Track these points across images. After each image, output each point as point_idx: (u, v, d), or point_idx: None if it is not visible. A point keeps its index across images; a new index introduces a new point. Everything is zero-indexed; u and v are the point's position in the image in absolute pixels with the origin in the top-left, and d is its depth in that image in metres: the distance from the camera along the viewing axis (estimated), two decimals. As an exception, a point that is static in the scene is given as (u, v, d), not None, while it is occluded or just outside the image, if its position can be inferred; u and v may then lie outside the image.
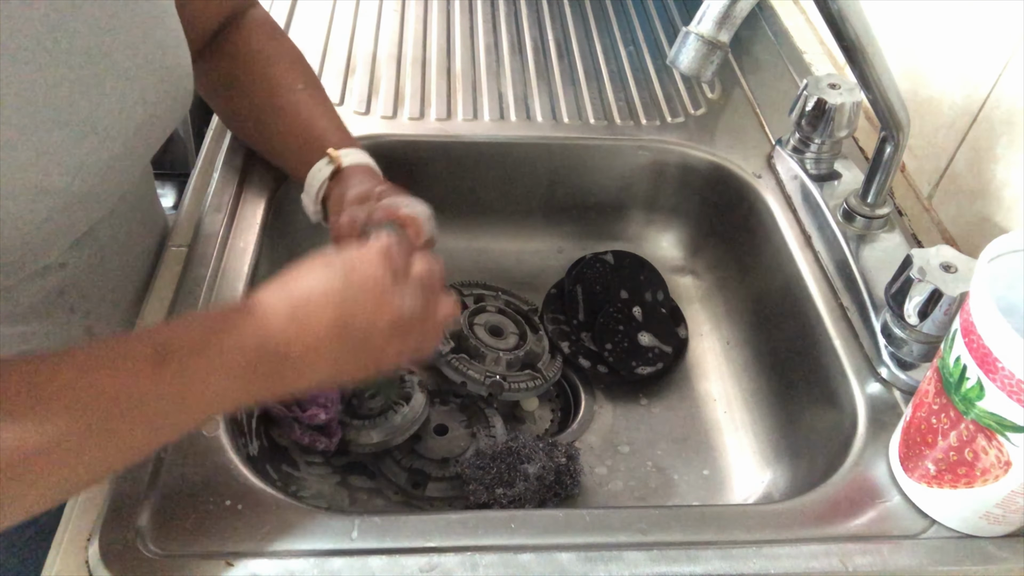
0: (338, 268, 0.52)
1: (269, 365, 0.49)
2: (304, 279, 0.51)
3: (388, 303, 0.52)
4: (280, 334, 0.49)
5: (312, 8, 1.03)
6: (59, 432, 0.42)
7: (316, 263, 0.52)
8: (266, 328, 0.49)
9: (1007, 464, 0.50)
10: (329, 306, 0.50)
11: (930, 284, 0.61)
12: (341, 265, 0.52)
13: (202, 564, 0.51)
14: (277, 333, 0.49)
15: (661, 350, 0.83)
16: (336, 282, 0.51)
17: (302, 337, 0.49)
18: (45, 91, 0.51)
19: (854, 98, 0.78)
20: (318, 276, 0.51)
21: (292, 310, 0.49)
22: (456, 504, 0.70)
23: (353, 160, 0.69)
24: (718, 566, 0.53)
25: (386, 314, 0.51)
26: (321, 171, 0.69)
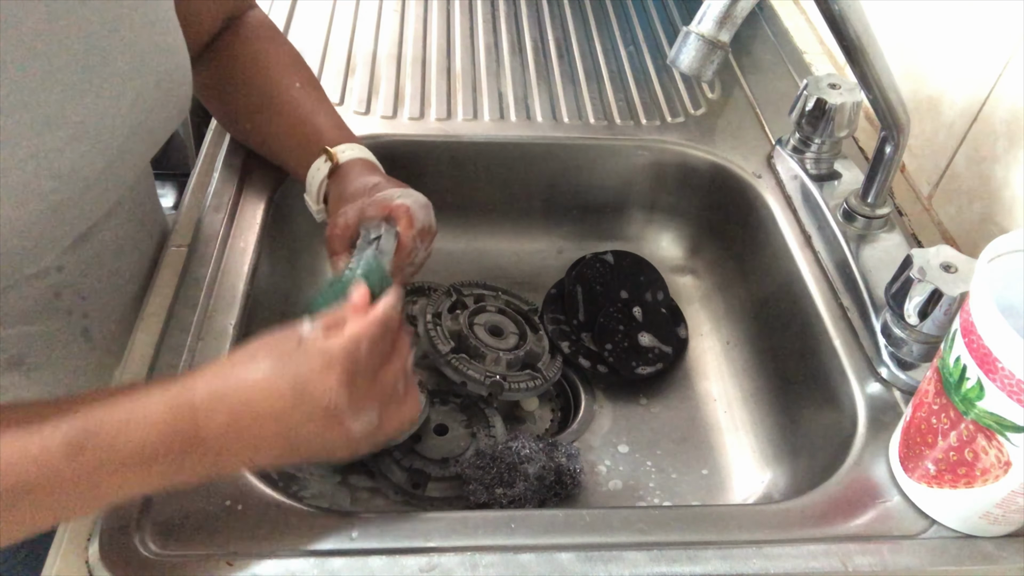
0: (289, 379, 0.46)
1: (195, 468, 0.47)
2: (250, 381, 0.46)
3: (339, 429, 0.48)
4: (213, 441, 0.46)
5: (312, 8, 1.03)
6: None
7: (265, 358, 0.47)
8: (198, 433, 0.45)
9: (1007, 464, 0.50)
10: (272, 423, 0.46)
11: (930, 284, 0.61)
12: (293, 377, 0.46)
13: (202, 564, 0.51)
14: (210, 439, 0.46)
15: (661, 350, 0.83)
16: (285, 397, 0.46)
17: (237, 448, 0.47)
18: (37, 94, 0.50)
19: (854, 98, 0.78)
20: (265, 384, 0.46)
21: (230, 419, 0.46)
22: (456, 504, 0.70)
23: (351, 155, 0.69)
24: (718, 566, 0.53)
25: (336, 437, 0.48)
26: (320, 170, 0.69)
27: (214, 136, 0.84)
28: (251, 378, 0.46)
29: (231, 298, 0.67)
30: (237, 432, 0.46)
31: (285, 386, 0.46)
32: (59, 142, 0.52)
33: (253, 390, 0.46)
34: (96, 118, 0.54)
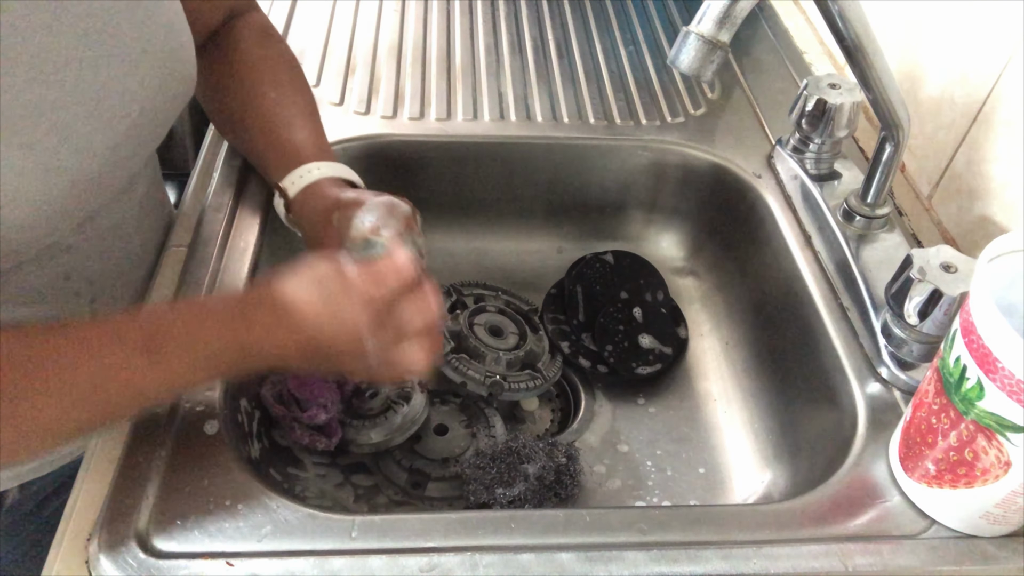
0: (326, 297, 0.54)
1: (244, 364, 0.54)
2: (299, 292, 0.54)
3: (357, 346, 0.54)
4: (257, 342, 0.53)
5: (312, 8, 1.03)
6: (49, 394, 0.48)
7: (310, 274, 0.54)
8: (247, 335, 0.53)
9: (1007, 464, 0.50)
10: (306, 330, 0.53)
11: (930, 284, 0.61)
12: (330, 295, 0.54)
13: (202, 564, 0.51)
14: (255, 341, 0.53)
15: (661, 350, 0.83)
16: (320, 312, 0.53)
17: (277, 345, 0.54)
18: (52, 71, 0.51)
19: (854, 98, 0.78)
20: (306, 296, 0.54)
21: (279, 320, 0.53)
22: (456, 504, 0.70)
23: (308, 181, 0.68)
24: (718, 566, 0.53)
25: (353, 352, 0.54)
26: (278, 204, 0.70)
27: (214, 136, 0.84)
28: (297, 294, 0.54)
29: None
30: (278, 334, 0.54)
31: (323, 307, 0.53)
32: (76, 118, 0.53)
33: (295, 303, 0.53)
34: (108, 95, 0.55)
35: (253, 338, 0.53)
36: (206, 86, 0.74)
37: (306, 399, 0.67)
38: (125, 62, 0.57)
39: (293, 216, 0.69)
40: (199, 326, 0.53)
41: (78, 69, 0.53)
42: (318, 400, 0.68)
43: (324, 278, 0.54)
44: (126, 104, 0.57)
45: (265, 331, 0.53)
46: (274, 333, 0.53)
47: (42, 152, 0.51)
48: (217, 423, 0.58)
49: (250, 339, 0.53)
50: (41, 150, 0.51)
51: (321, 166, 0.69)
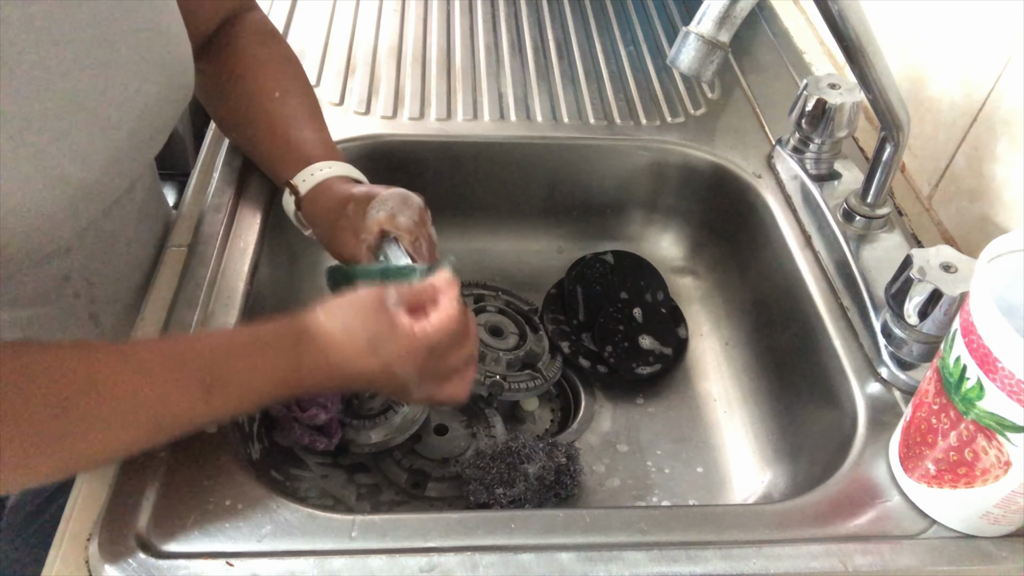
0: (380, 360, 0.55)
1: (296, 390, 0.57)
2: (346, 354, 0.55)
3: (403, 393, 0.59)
4: (304, 377, 0.55)
5: (312, 8, 1.03)
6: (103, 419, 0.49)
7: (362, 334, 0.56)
8: (296, 371, 0.55)
9: (1007, 464, 0.50)
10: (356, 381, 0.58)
11: (930, 284, 0.61)
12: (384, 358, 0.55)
13: (202, 564, 0.51)
14: (303, 377, 0.55)
15: (661, 351, 0.83)
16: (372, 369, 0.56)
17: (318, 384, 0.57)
18: (52, 79, 0.51)
19: (854, 98, 0.78)
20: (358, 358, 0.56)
21: (327, 378, 0.56)
22: (456, 504, 0.70)
23: (319, 179, 0.68)
24: (718, 566, 0.53)
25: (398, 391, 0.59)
26: (288, 202, 0.70)
27: (214, 136, 0.84)
28: (351, 349, 0.55)
29: (231, 298, 0.67)
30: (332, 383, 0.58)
31: (376, 363, 0.56)
32: (75, 127, 0.53)
33: (351, 361, 0.55)
34: (108, 103, 0.56)
35: (301, 374, 0.55)
36: (209, 86, 0.74)
37: (306, 399, 0.67)
38: (124, 70, 0.57)
39: (304, 213, 0.69)
40: (256, 366, 0.54)
41: (78, 77, 0.53)
42: (318, 400, 0.68)
43: (371, 319, 0.56)
44: (125, 111, 0.57)
45: (312, 367, 0.55)
46: (320, 370, 0.55)
47: (43, 160, 0.51)
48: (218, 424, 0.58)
49: (299, 375, 0.55)
50: (42, 158, 0.51)
51: (332, 165, 0.69)
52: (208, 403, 0.52)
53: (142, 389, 0.50)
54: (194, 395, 0.51)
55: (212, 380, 0.52)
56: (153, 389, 0.50)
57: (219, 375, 0.52)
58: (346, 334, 0.55)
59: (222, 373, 0.53)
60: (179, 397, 0.51)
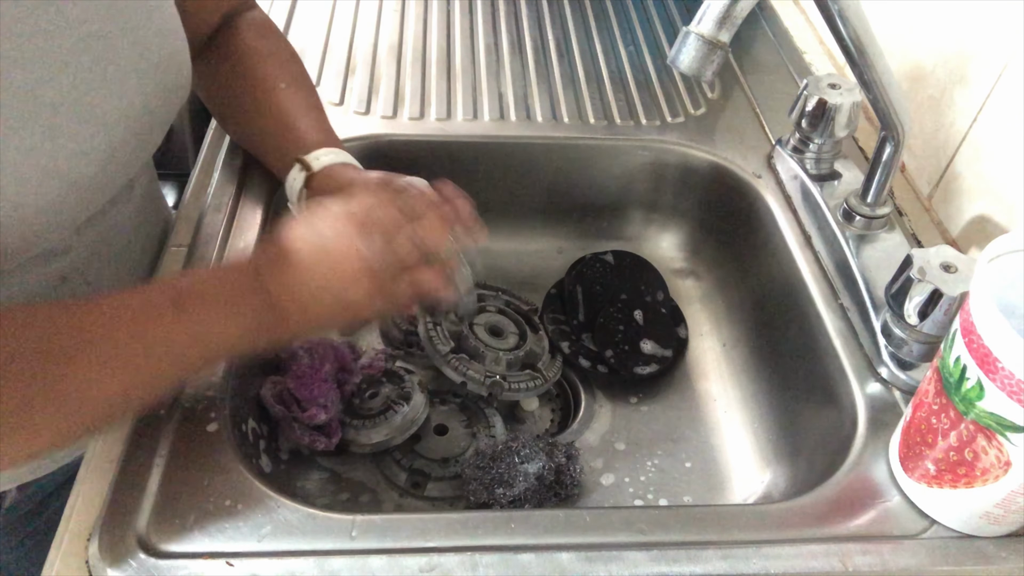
0: (312, 227, 0.57)
1: (269, 314, 0.55)
2: (287, 237, 0.57)
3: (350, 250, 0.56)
4: (273, 291, 0.55)
5: (312, 8, 1.03)
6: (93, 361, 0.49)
7: (306, 217, 0.58)
8: (263, 283, 0.55)
9: (1007, 464, 0.50)
10: (302, 261, 0.56)
11: (930, 284, 0.61)
12: (314, 225, 0.57)
13: (202, 564, 0.51)
14: (272, 288, 0.55)
15: (661, 351, 0.83)
16: (315, 242, 0.56)
17: (290, 290, 0.56)
18: (49, 75, 0.52)
19: (854, 98, 0.78)
20: (296, 235, 0.57)
21: (281, 265, 0.56)
22: (456, 504, 0.70)
23: (328, 161, 0.68)
24: (718, 566, 0.53)
25: (351, 260, 0.56)
26: (296, 179, 0.69)
27: (214, 136, 0.84)
28: (288, 237, 0.57)
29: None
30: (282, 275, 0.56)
31: (310, 232, 0.57)
32: (72, 123, 0.53)
33: (285, 240, 0.56)
34: (105, 99, 0.56)
35: (268, 284, 0.55)
36: (211, 84, 0.74)
37: (306, 399, 0.67)
38: (121, 67, 0.57)
39: (311, 193, 0.68)
40: (219, 278, 0.56)
41: (75, 73, 0.53)
42: (318, 400, 0.68)
43: (317, 215, 0.57)
44: (123, 108, 0.57)
45: (276, 273, 0.55)
46: (284, 274, 0.55)
47: (39, 155, 0.52)
48: (217, 423, 0.58)
49: (265, 285, 0.55)
50: (38, 153, 0.51)
51: (340, 152, 0.70)
52: (182, 321, 0.52)
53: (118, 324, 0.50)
54: (167, 317, 0.51)
55: (180, 300, 0.52)
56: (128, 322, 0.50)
57: (186, 293, 0.53)
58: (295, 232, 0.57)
59: (188, 291, 0.53)
60: (154, 322, 0.51)
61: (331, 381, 0.69)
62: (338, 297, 0.56)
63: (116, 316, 0.51)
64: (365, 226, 0.56)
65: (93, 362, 0.49)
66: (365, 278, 0.56)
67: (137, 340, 0.50)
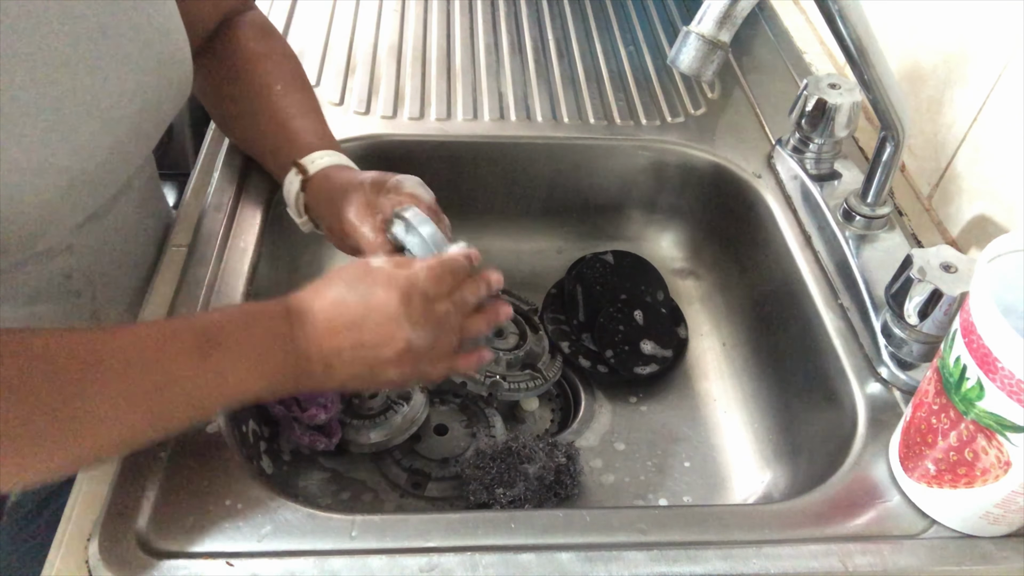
0: (358, 295, 0.55)
1: (294, 369, 0.54)
2: (328, 299, 0.55)
3: (398, 336, 0.55)
4: (304, 345, 0.54)
5: (312, 8, 1.03)
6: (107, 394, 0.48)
7: (339, 282, 0.56)
8: (294, 338, 0.54)
9: (1007, 464, 0.50)
10: (345, 331, 0.55)
11: (930, 284, 0.61)
12: (362, 294, 0.55)
13: (202, 564, 0.51)
14: (302, 344, 0.54)
15: (661, 351, 0.83)
16: (354, 310, 0.55)
17: (322, 351, 0.54)
18: (51, 70, 0.52)
19: (854, 98, 0.78)
20: (340, 300, 0.55)
21: (317, 325, 0.54)
22: (456, 504, 0.70)
23: (325, 163, 0.68)
24: (718, 566, 0.53)
25: (396, 344, 0.55)
26: (292, 183, 0.69)
27: (214, 136, 0.84)
28: (329, 297, 0.56)
29: (231, 298, 0.67)
30: (319, 338, 0.55)
31: (355, 301, 0.55)
32: (73, 119, 0.53)
33: (330, 306, 0.55)
34: (104, 96, 0.56)
35: (299, 339, 0.54)
36: (209, 84, 0.74)
37: (306, 399, 0.67)
38: (122, 63, 0.57)
39: (308, 196, 0.68)
40: (248, 325, 0.54)
41: (76, 69, 0.53)
42: (318, 400, 0.68)
43: (355, 277, 0.56)
44: (123, 105, 0.58)
45: (309, 332, 0.54)
46: (320, 336, 0.54)
47: (40, 151, 0.52)
48: (218, 423, 0.58)
49: (296, 340, 0.54)
50: (39, 149, 0.52)
51: (337, 155, 0.70)
52: (207, 364, 0.51)
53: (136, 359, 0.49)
54: (189, 360, 0.50)
55: (205, 343, 0.51)
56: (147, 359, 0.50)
57: (212, 338, 0.52)
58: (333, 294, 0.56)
59: (215, 335, 0.52)
60: (174, 360, 0.50)
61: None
62: (372, 371, 0.56)
63: (136, 351, 0.50)
64: (419, 315, 0.56)
65: (106, 396, 0.48)
66: (406, 363, 0.56)
67: (154, 380, 0.50)
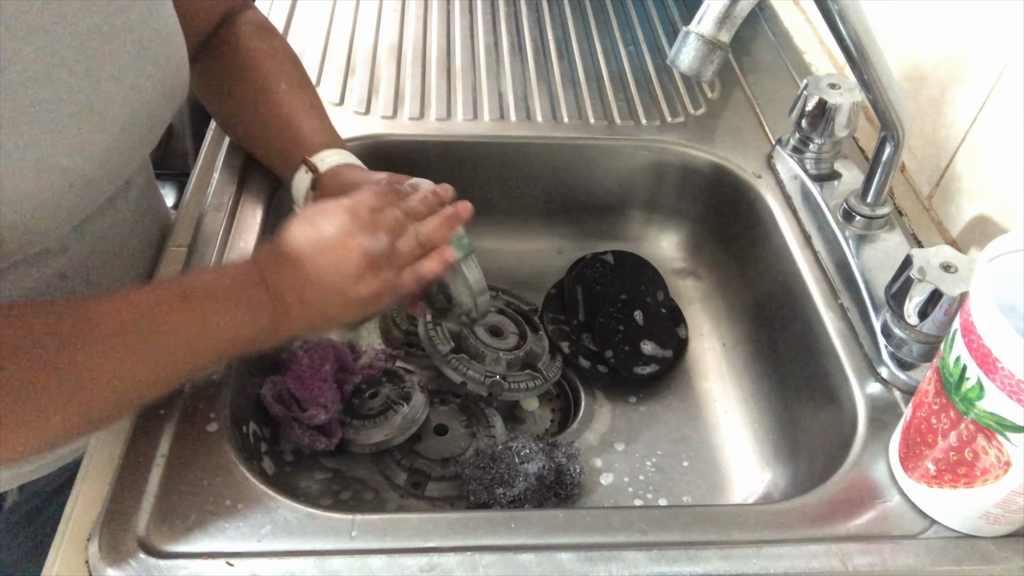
0: (308, 220, 0.58)
1: (271, 308, 0.56)
2: (285, 235, 0.58)
3: (351, 246, 0.57)
4: (275, 286, 0.57)
5: (312, 8, 1.03)
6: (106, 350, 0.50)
7: (294, 221, 0.59)
8: (264, 280, 0.57)
9: (1007, 464, 0.50)
10: (305, 260, 0.57)
11: (930, 284, 0.61)
12: (310, 218, 0.58)
13: (202, 564, 0.51)
14: (273, 282, 0.57)
15: (661, 351, 0.83)
16: (308, 234, 0.57)
17: (292, 288, 0.57)
18: (47, 70, 0.52)
19: (854, 98, 0.78)
20: (294, 231, 0.58)
21: (280, 261, 0.57)
22: (456, 504, 0.70)
23: (334, 162, 0.69)
24: (718, 566, 0.53)
25: (352, 256, 0.57)
26: (303, 180, 0.69)
27: (214, 136, 0.84)
28: (288, 236, 0.58)
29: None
30: (284, 270, 0.57)
31: (310, 231, 0.58)
32: (69, 121, 0.54)
33: (287, 238, 0.58)
34: (103, 97, 0.56)
35: (269, 279, 0.56)
36: (210, 84, 0.74)
37: (306, 399, 0.67)
38: (119, 65, 0.57)
39: (318, 194, 0.68)
40: (221, 273, 0.59)
41: (73, 70, 0.53)
42: (318, 400, 0.68)
43: (308, 213, 0.59)
44: (120, 106, 0.58)
45: (276, 268, 0.57)
46: (284, 269, 0.57)
47: (37, 152, 0.52)
48: (217, 423, 0.58)
49: (266, 280, 0.56)
50: (36, 150, 0.52)
51: (345, 154, 0.71)
52: (188, 312, 0.53)
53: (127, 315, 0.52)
54: (174, 308, 0.53)
55: (185, 292, 0.54)
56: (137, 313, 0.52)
57: (190, 287, 0.55)
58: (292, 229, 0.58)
59: (194, 284, 0.56)
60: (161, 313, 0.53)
61: (331, 381, 0.69)
62: (342, 292, 0.57)
63: (124, 309, 0.52)
64: (368, 223, 0.58)
65: (102, 351, 0.50)
66: (368, 274, 0.57)
67: (145, 331, 0.52)
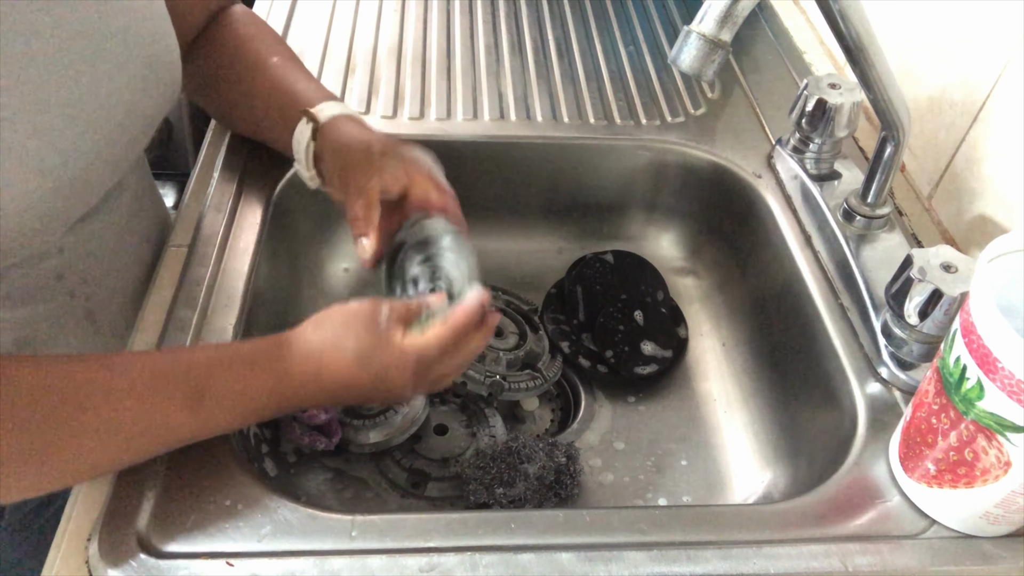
0: (371, 372, 0.55)
1: (286, 406, 0.57)
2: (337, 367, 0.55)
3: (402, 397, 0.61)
4: (295, 394, 0.56)
5: (312, 8, 1.03)
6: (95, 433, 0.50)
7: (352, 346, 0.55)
8: (287, 387, 0.55)
9: (1007, 464, 0.50)
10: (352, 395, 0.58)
11: (930, 284, 0.61)
12: (375, 371, 0.56)
13: (202, 564, 0.51)
14: (294, 393, 0.56)
15: (661, 351, 0.83)
16: (364, 383, 0.56)
17: (311, 398, 0.57)
18: (38, 72, 0.52)
19: (854, 98, 0.77)
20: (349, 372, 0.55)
21: (319, 390, 0.56)
22: (456, 504, 0.70)
23: (333, 112, 0.69)
24: (718, 566, 0.53)
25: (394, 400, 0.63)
26: (303, 133, 0.68)
27: (214, 136, 0.84)
28: (339, 363, 0.55)
29: (231, 298, 0.67)
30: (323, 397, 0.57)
31: (366, 376, 0.56)
32: (59, 121, 0.53)
33: (340, 374, 0.56)
34: (91, 98, 0.56)
35: (292, 390, 0.55)
36: (203, 77, 0.75)
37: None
38: (109, 65, 0.57)
39: (319, 145, 0.68)
40: (243, 382, 0.54)
41: (62, 72, 0.53)
42: (318, 400, 0.67)
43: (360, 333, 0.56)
44: (111, 107, 0.57)
45: (301, 381, 0.55)
46: (310, 383, 0.55)
47: (26, 154, 0.51)
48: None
49: (289, 391, 0.55)
50: (25, 152, 0.51)
51: (343, 105, 0.70)
52: (196, 416, 0.53)
53: (127, 403, 0.51)
54: (179, 408, 0.52)
55: (197, 393, 0.52)
56: (138, 404, 0.51)
57: (203, 388, 0.53)
58: (335, 348, 0.56)
59: (206, 386, 0.53)
60: (164, 409, 0.52)
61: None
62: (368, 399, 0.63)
63: (126, 389, 0.51)
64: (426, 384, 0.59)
65: (91, 430, 0.50)
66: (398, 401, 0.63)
67: (141, 425, 0.51)
